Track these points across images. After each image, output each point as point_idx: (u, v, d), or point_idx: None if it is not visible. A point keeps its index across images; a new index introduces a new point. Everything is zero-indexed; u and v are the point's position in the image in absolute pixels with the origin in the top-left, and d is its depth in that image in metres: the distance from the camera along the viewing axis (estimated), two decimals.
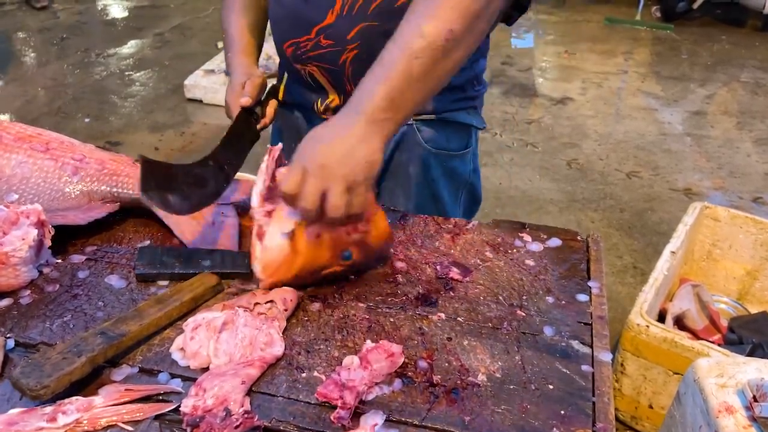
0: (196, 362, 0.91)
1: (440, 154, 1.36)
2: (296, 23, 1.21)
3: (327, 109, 1.32)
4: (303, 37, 1.21)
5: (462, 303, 1.04)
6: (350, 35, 1.17)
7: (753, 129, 4.21)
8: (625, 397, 2.06)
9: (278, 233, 1.00)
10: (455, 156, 1.39)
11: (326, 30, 1.18)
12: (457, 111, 1.35)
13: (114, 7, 6.61)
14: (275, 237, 1.00)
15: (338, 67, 1.23)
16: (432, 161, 1.36)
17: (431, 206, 1.40)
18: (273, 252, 1.00)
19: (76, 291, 1.05)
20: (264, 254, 1.00)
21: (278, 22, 1.27)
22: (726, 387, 1.19)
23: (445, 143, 1.36)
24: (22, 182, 1.16)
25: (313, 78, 1.28)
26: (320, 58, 1.23)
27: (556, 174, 3.65)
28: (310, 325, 0.99)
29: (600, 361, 0.93)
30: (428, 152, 1.34)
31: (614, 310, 2.59)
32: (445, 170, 1.38)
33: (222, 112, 4.40)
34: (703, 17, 6.21)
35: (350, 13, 1.15)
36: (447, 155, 1.37)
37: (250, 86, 1.19)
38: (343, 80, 1.25)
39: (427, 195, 1.39)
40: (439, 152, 1.36)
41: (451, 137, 1.37)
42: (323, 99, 1.31)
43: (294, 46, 1.24)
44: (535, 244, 1.19)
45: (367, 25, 1.16)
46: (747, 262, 2.40)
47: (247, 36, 1.31)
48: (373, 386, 0.87)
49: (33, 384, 0.80)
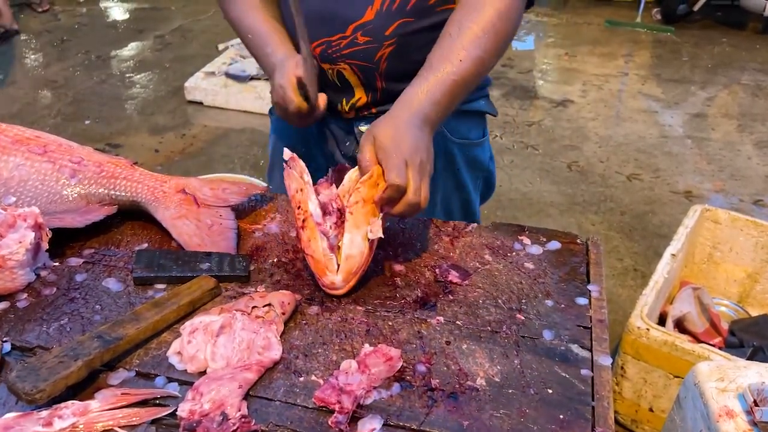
0: (194, 366, 0.90)
1: (463, 144, 1.39)
2: (329, 21, 1.21)
3: (352, 108, 1.32)
4: (337, 35, 1.21)
5: (461, 306, 1.04)
6: (388, 31, 1.19)
7: (754, 131, 4.20)
8: (625, 400, 2.05)
9: (359, 239, 1.01)
10: (476, 144, 1.42)
11: (364, 27, 1.19)
12: (475, 101, 1.38)
13: (115, 10, 6.62)
14: (357, 244, 1.01)
15: (373, 63, 1.24)
16: (456, 151, 1.39)
17: (456, 195, 1.43)
18: (356, 259, 1.01)
19: (74, 294, 1.05)
20: (347, 263, 1.01)
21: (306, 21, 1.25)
22: (726, 391, 1.18)
23: (467, 132, 1.39)
24: (20, 185, 1.16)
25: (341, 77, 1.28)
26: (354, 55, 1.23)
27: (556, 176, 3.65)
28: (308, 328, 0.99)
29: (599, 365, 0.93)
30: (452, 142, 1.37)
31: (615, 312, 2.58)
32: (467, 159, 1.41)
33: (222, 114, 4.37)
34: (704, 20, 6.21)
35: (390, 9, 1.17)
36: (469, 144, 1.40)
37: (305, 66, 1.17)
38: (374, 77, 1.26)
39: (452, 185, 1.43)
40: (462, 142, 1.39)
41: (471, 127, 1.40)
42: (348, 98, 1.31)
43: (325, 45, 1.23)
44: (535, 247, 1.18)
45: (405, 22, 1.19)
46: (748, 264, 2.40)
47: (279, 27, 1.28)
48: (371, 390, 0.87)
49: (29, 388, 0.80)
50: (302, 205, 1.02)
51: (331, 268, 1.01)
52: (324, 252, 1.00)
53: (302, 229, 1.02)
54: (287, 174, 1.05)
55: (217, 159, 3.79)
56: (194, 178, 1.26)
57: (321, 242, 1.01)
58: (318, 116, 1.23)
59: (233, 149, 3.90)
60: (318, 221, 1.02)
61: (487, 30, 1.07)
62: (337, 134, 1.39)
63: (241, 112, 4.31)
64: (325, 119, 1.37)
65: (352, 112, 1.33)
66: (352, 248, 1.00)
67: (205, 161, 3.76)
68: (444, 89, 1.06)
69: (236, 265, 1.10)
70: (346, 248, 1.00)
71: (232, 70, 4.42)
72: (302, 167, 1.05)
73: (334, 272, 1.01)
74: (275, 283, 1.09)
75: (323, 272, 1.01)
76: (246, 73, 4.37)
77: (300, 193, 1.03)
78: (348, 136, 1.38)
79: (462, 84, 1.07)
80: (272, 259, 1.14)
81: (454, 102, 1.09)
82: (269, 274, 1.11)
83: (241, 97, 4.29)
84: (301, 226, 1.02)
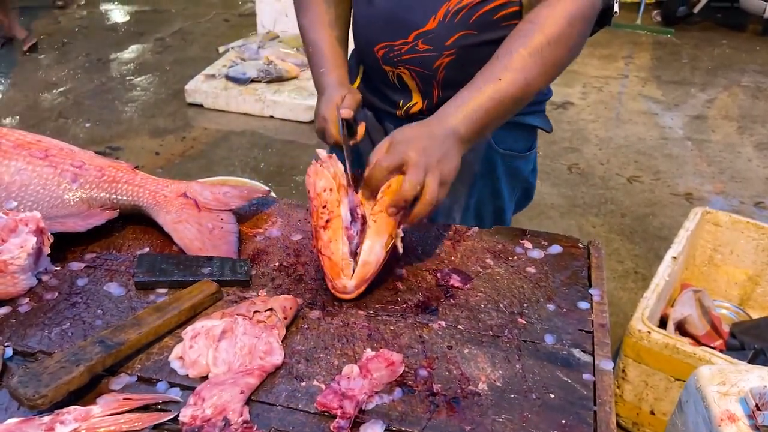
0: (195, 371, 0.90)
1: (506, 155, 1.40)
2: (393, 26, 1.24)
3: (408, 111, 1.34)
4: (399, 40, 1.24)
5: (462, 311, 1.04)
6: (448, 42, 1.21)
7: (754, 133, 4.20)
8: (626, 403, 2.05)
9: (378, 247, 1.01)
10: (520, 157, 1.42)
11: (426, 35, 1.22)
12: (529, 114, 1.38)
13: (115, 12, 6.62)
14: (375, 251, 1.01)
15: (431, 71, 1.26)
16: (498, 160, 1.39)
17: (490, 202, 1.44)
18: (371, 266, 1.02)
19: (75, 299, 1.05)
20: (362, 269, 1.01)
21: (369, 24, 1.29)
22: (728, 395, 1.18)
23: (513, 144, 1.40)
24: (21, 189, 1.16)
25: (400, 80, 1.31)
26: (414, 61, 1.25)
27: (556, 179, 3.65)
28: (310, 333, 0.99)
29: (601, 369, 0.93)
30: (496, 152, 1.38)
31: (616, 315, 2.58)
32: (508, 169, 1.42)
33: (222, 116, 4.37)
34: (704, 21, 6.21)
35: (452, 20, 1.19)
36: (512, 156, 1.41)
37: (350, 99, 1.20)
38: (432, 84, 1.28)
39: (488, 192, 1.43)
40: (506, 153, 1.39)
41: (519, 139, 1.41)
42: (406, 101, 1.34)
43: (387, 49, 1.26)
44: (536, 251, 1.18)
45: (466, 34, 1.20)
46: (748, 267, 2.40)
47: (339, 50, 1.32)
48: (373, 395, 0.87)
49: (31, 393, 0.80)
50: (329, 205, 1.02)
51: (346, 272, 1.01)
52: (344, 255, 1.01)
53: (324, 229, 1.02)
54: (315, 170, 1.04)
55: (217, 162, 3.79)
56: (195, 182, 1.27)
57: (343, 245, 1.01)
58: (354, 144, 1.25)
59: (234, 152, 3.90)
60: (347, 225, 1.02)
61: (534, 55, 1.06)
62: (388, 130, 1.41)
63: (242, 114, 4.31)
64: (382, 117, 1.41)
65: (406, 115, 1.35)
66: (370, 255, 1.01)
67: (206, 164, 3.76)
68: (479, 107, 1.05)
69: (237, 270, 1.10)
70: (365, 255, 1.01)
71: (233, 73, 4.42)
72: (340, 169, 1.06)
73: (349, 276, 1.01)
74: (277, 288, 1.09)
75: (338, 275, 1.01)
76: (246, 75, 4.37)
77: (328, 192, 1.02)
78: None
79: (500, 104, 1.06)
80: (274, 264, 1.14)
81: (492, 121, 1.08)
82: (271, 278, 1.11)
83: (242, 99, 4.29)
84: (324, 225, 1.02)
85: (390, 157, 1.00)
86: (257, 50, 4.72)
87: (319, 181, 1.03)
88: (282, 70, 4.42)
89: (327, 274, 1.03)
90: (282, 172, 3.68)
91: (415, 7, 1.21)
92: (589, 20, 1.11)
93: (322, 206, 1.02)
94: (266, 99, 4.25)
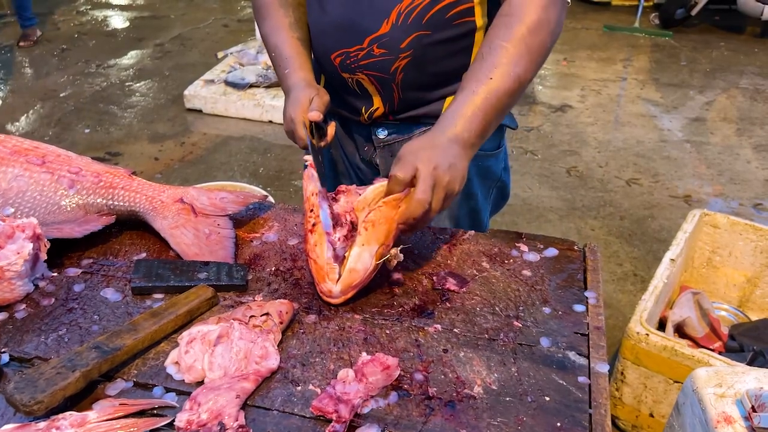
0: (191, 376, 0.90)
1: (477, 155, 1.38)
2: (347, 33, 1.24)
3: (371, 116, 1.34)
4: (354, 46, 1.24)
5: (458, 314, 1.04)
6: (403, 44, 1.21)
7: (752, 135, 4.21)
8: (626, 406, 2.05)
9: (366, 256, 1.01)
10: (490, 155, 1.42)
11: (380, 39, 1.22)
12: None
13: (114, 18, 6.64)
14: (363, 260, 1.01)
15: (389, 75, 1.26)
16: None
17: (464, 203, 1.44)
18: (358, 274, 1.01)
19: (72, 305, 1.05)
20: (348, 276, 1.01)
21: (324, 32, 1.29)
22: (725, 397, 1.18)
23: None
24: (18, 195, 1.16)
25: (360, 86, 1.30)
26: (371, 66, 1.25)
27: (555, 182, 3.65)
28: (306, 337, 0.99)
29: (597, 372, 0.93)
30: None
31: (615, 317, 2.58)
32: (479, 169, 1.41)
33: (221, 122, 4.37)
34: (702, 24, 6.22)
35: (405, 22, 1.19)
36: (482, 155, 1.40)
37: (318, 101, 1.20)
38: (391, 87, 1.28)
39: (462, 193, 1.41)
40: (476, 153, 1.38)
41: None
42: (368, 106, 1.34)
43: (343, 56, 1.26)
44: (532, 254, 1.18)
45: (420, 34, 1.20)
46: (747, 269, 2.40)
47: (303, 52, 1.31)
48: (369, 399, 0.87)
49: (27, 399, 0.80)
50: (315, 209, 1.03)
51: (331, 277, 1.01)
52: (328, 260, 1.01)
53: (311, 232, 1.03)
54: (306, 174, 1.06)
55: (216, 166, 3.79)
56: (192, 188, 1.27)
57: (327, 250, 1.01)
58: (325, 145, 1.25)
59: (232, 157, 3.90)
60: (328, 231, 1.02)
61: (518, 45, 1.06)
62: (357, 139, 1.43)
63: (241, 119, 4.32)
64: (348, 123, 1.41)
65: (370, 119, 1.35)
66: (357, 263, 1.00)
67: (205, 169, 3.76)
68: (477, 110, 1.05)
69: (234, 275, 1.10)
70: (352, 262, 1.00)
71: (231, 78, 4.43)
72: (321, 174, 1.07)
73: (334, 282, 1.01)
74: (273, 292, 1.09)
75: (323, 279, 1.01)
76: (245, 80, 4.38)
77: (315, 196, 1.04)
78: (366, 142, 1.40)
79: (497, 102, 1.06)
80: (270, 268, 1.15)
81: (492, 120, 1.08)
82: (267, 283, 1.11)
83: (241, 104, 4.30)
84: (310, 229, 1.03)
85: (403, 169, 1.00)
86: (256, 55, 4.73)
87: (309, 185, 1.05)
88: None
89: (314, 277, 1.04)
90: (281, 177, 3.69)
91: (368, 12, 1.20)
92: (563, 1, 1.12)
93: (310, 210, 1.04)
94: (265, 104, 4.26)
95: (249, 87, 4.39)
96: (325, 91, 1.23)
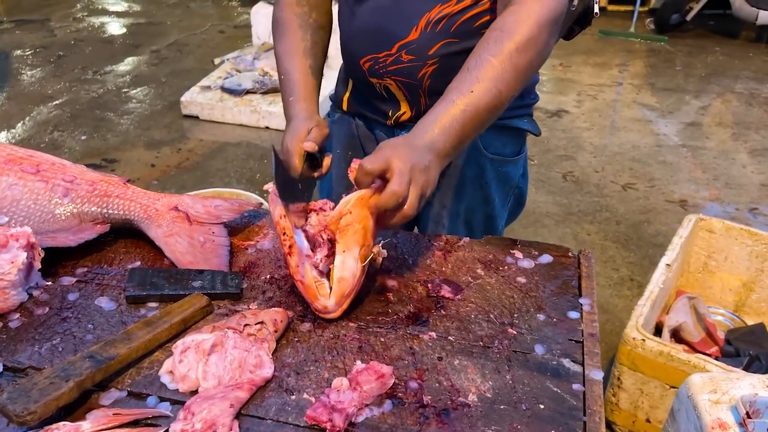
0: (185, 385, 0.90)
1: (495, 160, 1.41)
2: (376, 39, 1.27)
3: (397, 120, 1.37)
4: (383, 52, 1.27)
5: (453, 321, 1.04)
6: (431, 51, 1.24)
7: (748, 140, 4.22)
8: (622, 411, 2.04)
9: (350, 260, 1.00)
10: (509, 161, 1.43)
11: (408, 46, 1.24)
12: (516, 118, 1.40)
13: (111, 25, 6.64)
14: (349, 265, 1.00)
15: (416, 81, 1.28)
16: (487, 165, 1.40)
17: (481, 208, 1.45)
18: (348, 281, 1.00)
19: (66, 314, 1.05)
20: (339, 286, 1.00)
21: (354, 38, 1.32)
22: (719, 403, 1.18)
23: (501, 148, 1.41)
24: (13, 204, 1.16)
25: (387, 91, 1.33)
26: (399, 72, 1.28)
27: (551, 187, 3.66)
28: (300, 345, 0.99)
29: (591, 379, 0.93)
30: (484, 157, 1.39)
31: (611, 323, 2.58)
32: (498, 174, 1.42)
33: (218, 128, 4.37)
34: (697, 29, 6.25)
35: (434, 30, 1.22)
36: (502, 160, 1.42)
37: (316, 133, 1.19)
38: (418, 93, 1.31)
39: (479, 197, 1.44)
40: (495, 157, 1.40)
41: (507, 143, 1.42)
42: (395, 111, 1.36)
43: (372, 61, 1.29)
44: (527, 260, 1.18)
45: (448, 42, 1.23)
46: (743, 273, 2.40)
47: (311, 80, 1.31)
48: (363, 408, 0.87)
49: (19, 410, 0.80)
50: (288, 231, 1.03)
51: (323, 293, 1.00)
52: (314, 277, 1.01)
53: (289, 255, 1.03)
54: (270, 199, 1.07)
55: (212, 173, 3.79)
56: (187, 195, 1.27)
57: (310, 269, 1.01)
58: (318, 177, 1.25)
59: (229, 163, 3.90)
60: (308, 254, 1.02)
61: (505, 62, 1.05)
62: (380, 140, 1.43)
63: (237, 125, 4.32)
64: (372, 126, 1.43)
65: (396, 123, 1.37)
66: (344, 270, 0.99)
67: (201, 175, 3.76)
68: (454, 121, 1.04)
69: (228, 283, 1.10)
70: (338, 271, 0.99)
71: (228, 84, 4.43)
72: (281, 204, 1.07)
73: (327, 296, 1.00)
74: (267, 300, 1.09)
75: (315, 297, 1.00)
76: (242, 87, 4.39)
77: (284, 219, 1.04)
78: None
79: (474, 114, 1.05)
80: (265, 276, 1.15)
81: (469, 133, 1.07)
82: (262, 291, 1.11)
83: (237, 111, 4.30)
84: (288, 252, 1.03)
85: (374, 160, 0.98)
86: (252, 61, 4.73)
87: (275, 209, 1.05)
88: (277, 82, 4.43)
89: (306, 297, 1.02)
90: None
91: (397, 18, 1.23)
92: (556, 23, 1.11)
93: (282, 233, 1.03)
94: (262, 110, 4.26)
95: (246, 93, 4.39)
96: (325, 124, 1.22)
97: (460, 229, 1.45)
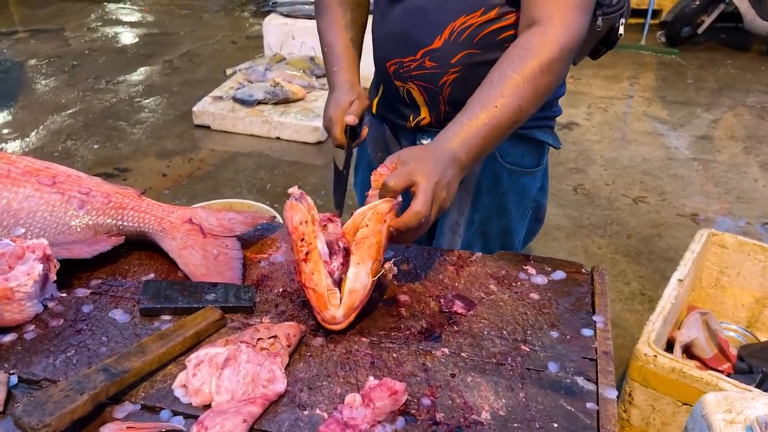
0: (198, 399, 0.90)
1: (513, 170, 1.42)
2: (403, 44, 1.31)
3: (417, 125, 1.40)
4: (408, 57, 1.31)
5: (466, 338, 1.04)
6: (454, 60, 1.27)
7: (760, 153, 4.20)
8: (633, 428, 2.02)
9: (363, 274, 1.01)
10: (527, 173, 1.44)
11: (432, 53, 1.28)
12: (536, 129, 1.41)
13: (124, 35, 6.70)
14: (361, 278, 1.01)
15: (437, 87, 1.31)
16: (504, 175, 1.42)
17: (497, 219, 1.46)
18: (358, 294, 1.01)
19: (81, 326, 1.05)
20: (349, 298, 1.00)
21: (383, 40, 1.37)
22: (734, 423, 1.17)
23: (519, 159, 1.42)
24: (29, 216, 1.17)
25: (410, 95, 1.37)
26: (421, 77, 1.32)
27: (562, 199, 3.65)
28: (313, 360, 0.99)
29: (605, 398, 0.92)
30: (501, 166, 1.40)
31: (622, 337, 2.56)
32: (515, 185, 1.44)
33: (229, 138, 4.41)
34: (708, 42, 6.23)
35: (457, 40, 1.25)
36: (519, 171, 1.43)
37: (357, 105, 1.30)
38: (438, 100, 1.34)
39: (494, 207, 1.45)
40: (513, 168, 1.42)
41: (526, 154, 1.43)
42: (415, 115, 1.39)
43: (397, 65, 1.33)
44: (540, 276, 1.18)
45: (471, 53, 1.26)
46: (756, 289, 2.38)
47: (353, 52, 1.40)
48: (376, 425, 0.87)
49: (35, 422, 0.80)
50: (306, 237, 1.02)
51: (333, 303, 1.00)
52: (328, 286, 1.01)
53: (305, 262, 1.02)
54: (291, 206, 1.06)
55: (224, 183, 3.81)
56: (201, 208, 1.28)
57: (325, 277, 1.01)
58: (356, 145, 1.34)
59: (240, 173, 3.92)
60: (326, 260, 1.02)
61: (528, 80, 1.09)
62: (403, 144, 1.48)
63: (249, 136, 4.34)
64: (397, 128, 1.48)
65: (416, 127, 1.41)
66: (356, 283, 1.00)
67: (213, 185, 3.78)
68: (476, 133, 1.08)
69: (242, 296, 1.10)
70: (351, 282, 1.00)
71: (240, 95, 4.46)
72: (310, 203, 1.06)
73: (337, 306, 1.00)
74: (280, 314, 1.09)
75: (325, 306, 1.01)
76: (253, 97, 4.41)
77: (305, 225, 1.03)
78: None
79: (496, 129, 1.09)
80: (278, 289, 1.15)
81: (488, 145, 1.11)
82: (274, 304, 1.11)
83: (249, 121, 4.32)
84: (304, 258, 1.02)
85: (398, 178, 1.01)
86: (264, 72, 4.76)
87: (295, 215, 1.04)
88: (288, 92, 4.46)
89: (314, 306, 1.02)
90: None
91: (423, 25, 1.26)
92: (574, 50, 1.15)
93: (300, 239, 1.03)
94: (273, 120, 4.28)
95: (257, 104, 4.41)
96: (365, 95, 1.32)
97: (476, 239, 1.45)
